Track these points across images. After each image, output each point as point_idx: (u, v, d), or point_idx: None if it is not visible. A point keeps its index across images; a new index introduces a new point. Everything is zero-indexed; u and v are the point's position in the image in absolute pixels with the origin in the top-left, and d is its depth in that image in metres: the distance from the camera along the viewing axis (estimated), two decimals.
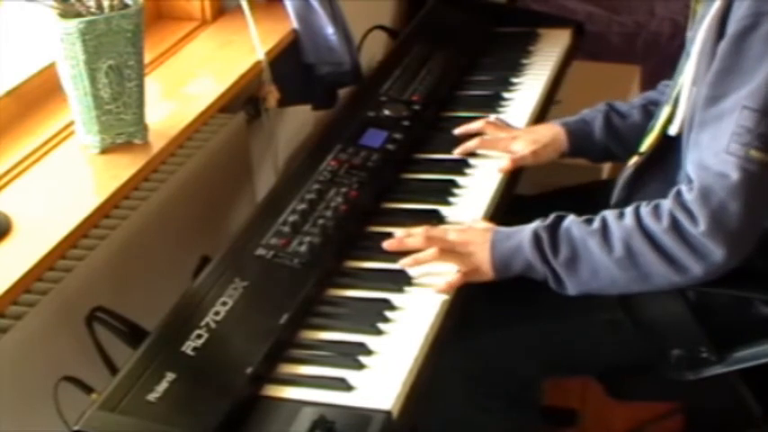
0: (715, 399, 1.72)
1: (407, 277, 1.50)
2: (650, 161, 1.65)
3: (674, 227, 1.42)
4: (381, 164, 1.75)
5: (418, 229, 1.54)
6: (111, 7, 1.56)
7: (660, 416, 2.03)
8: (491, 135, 1.84)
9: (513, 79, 2.12)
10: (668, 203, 1.44)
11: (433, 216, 1.65)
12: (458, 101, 2.05)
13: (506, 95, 2.05)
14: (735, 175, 1.39)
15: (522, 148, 1.80)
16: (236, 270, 1.45)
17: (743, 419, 1.72)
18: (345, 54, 2.07)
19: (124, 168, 1.60)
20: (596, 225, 1.48)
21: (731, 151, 1.40)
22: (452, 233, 1.54)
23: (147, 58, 1.75)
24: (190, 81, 1.87)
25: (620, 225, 1.46)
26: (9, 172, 1.59)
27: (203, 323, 1.35)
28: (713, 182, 1.41)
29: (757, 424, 1.70)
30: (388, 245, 1.54)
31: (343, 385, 1.30)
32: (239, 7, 1.98)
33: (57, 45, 1.56)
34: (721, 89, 1.43)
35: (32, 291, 1.39)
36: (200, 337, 1.33)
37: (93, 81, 1.57)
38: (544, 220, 1.52)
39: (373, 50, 2.39)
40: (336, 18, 2.04)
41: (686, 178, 1.47)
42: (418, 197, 1.71)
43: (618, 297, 1.54)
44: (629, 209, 1.48)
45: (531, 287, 1.52)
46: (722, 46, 1.44)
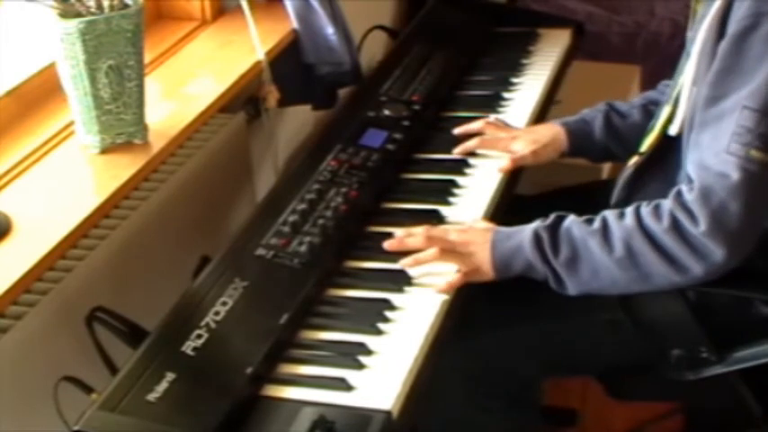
0: (715, 399, 1.72)
1: (407, 277, 1.50)
2: (650, 161, 1.65)
3: (675, 227, 1.42)
4: (381, 164, 1.74)
5: (418, 229, 1.54)
6: (111, 7, 1.56)
7: (660, 416, 2.03)
8: (491, 135, 1.84)
9: (513, 79, 2.12)
10: (669, 203, 1.44)
11: (433, 216, 1.64)
12: (458, 101, 2.05)
13: (506, 95, 2.05)
14: (735, 175, 1.39)
15: (522, 147, 1.80)
16: (236, 270, 1.45)
17: (743, 419, 1.72)
18: (345, 54, 2.06)
19: (124, 168, 1.60)
20: (597, 225, 1.48)
21: (731, 151, 1.40)
22: (453, 233, 1.54)
23: (147, 58, 1.75)
24: (190, 81, 1.87)
25: (621, 225, 1.46)
26: (9, 172, 1.59)
27: (203, 323, 1.35)
28: (714, 182, 1.40)
29: (757, 424, 1.69)
30: (388, 245, 1.54)
31: (343, 385, 1.30)
32: (239, 7, 1.98)
33: (57, 45, 1.55)
34: (722, 89, 1.43)
35: (32, 291, 1.39)
36: (200, 337, 1.33)
37: (93, 81, 1.57)
38: (544, 220, 1.52)
39: (373, 50, 2.38)
40: (336, 18, 2.04)
41: (686, 178, 1.47)
42: (418, 197, 1.71)
43: (618, 297, 1.54)
44: (629, 209, 1.48)
45: (532, 287, 1.52)
46: (722, 46, 1.44)
